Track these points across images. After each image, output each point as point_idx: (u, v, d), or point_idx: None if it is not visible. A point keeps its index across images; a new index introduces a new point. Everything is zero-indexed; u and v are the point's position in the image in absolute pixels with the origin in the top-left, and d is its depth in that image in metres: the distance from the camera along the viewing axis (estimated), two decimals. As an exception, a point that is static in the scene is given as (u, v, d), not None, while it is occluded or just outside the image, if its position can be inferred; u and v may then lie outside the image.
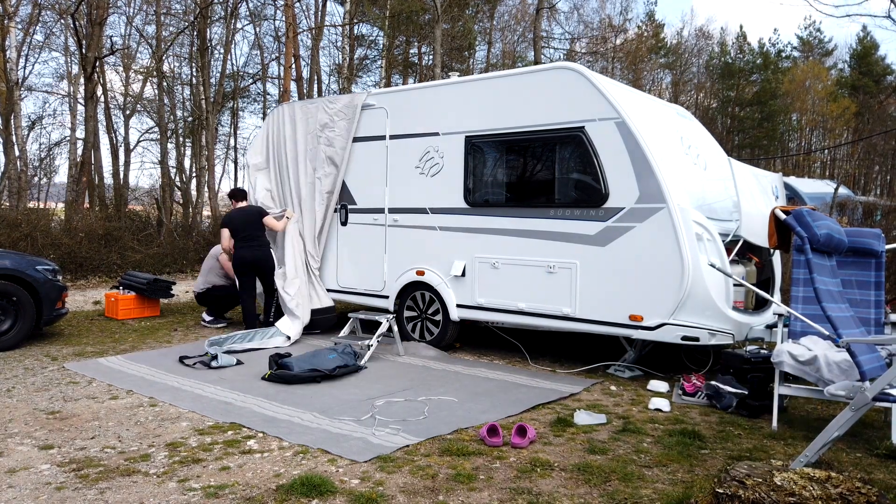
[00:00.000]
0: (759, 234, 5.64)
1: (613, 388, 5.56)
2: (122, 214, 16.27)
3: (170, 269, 14.03)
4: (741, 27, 56.91)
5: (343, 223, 7.84)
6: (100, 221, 13.95)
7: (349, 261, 7.85)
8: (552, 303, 6.15)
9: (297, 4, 20.76)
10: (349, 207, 7.79)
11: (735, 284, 5.69)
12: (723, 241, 5.75)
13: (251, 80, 26.00)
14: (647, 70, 32.52)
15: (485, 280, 6.61)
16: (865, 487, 2.66)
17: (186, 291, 11.57)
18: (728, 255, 5.79)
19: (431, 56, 22.81)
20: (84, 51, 16.16)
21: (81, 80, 17.09)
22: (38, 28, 19.77)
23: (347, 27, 22.56)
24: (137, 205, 20.87)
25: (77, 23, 16.01)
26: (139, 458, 3.75)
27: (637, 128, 5.66)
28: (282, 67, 21.58)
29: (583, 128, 5.93)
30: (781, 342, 4.78)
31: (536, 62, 19.82)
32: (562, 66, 6.19)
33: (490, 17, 27.73)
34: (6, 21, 16.05)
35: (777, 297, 6.76)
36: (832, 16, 42.67)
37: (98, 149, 19.46)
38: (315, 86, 21.45)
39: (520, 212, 6.41)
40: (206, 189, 19.80)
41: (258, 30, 22.42)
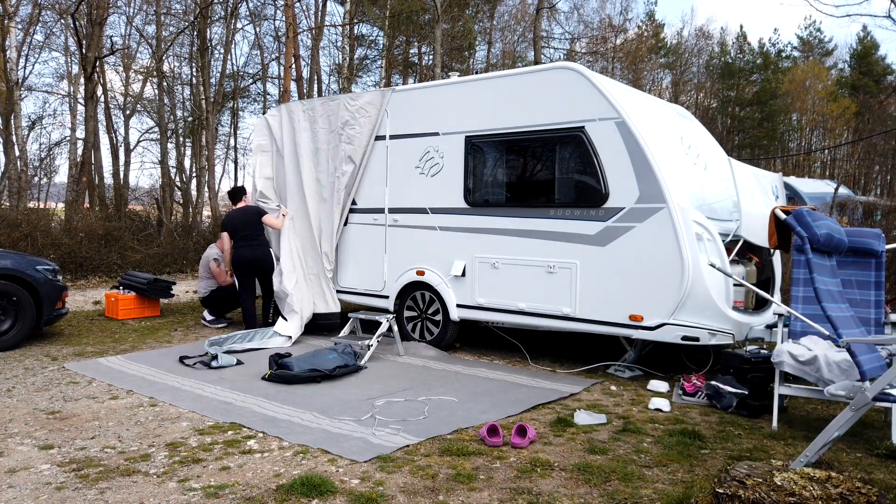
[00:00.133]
0: (759, 234, 5.64)
1: (613, 388, 5.56)
2: (122, 214, 16.28)
3: (170, 269, 14.03)
4: (741, 27, 56.94)
5: (344, 223, 7.84)
6: (100, 221, 13.95)
7: (349, 261, 7.84)
8: (552, 303, 6.15)
9: (297, 4, 20.76)
10: (349, 207, 7.80)
11: (735, 284, 5.69)
12: (723, 241, 5.75)
13: (251, 80, 26.02)
14: (647, 70, 32.53)
15: (485, 280, 6.61)
16: (865, 487, 2.66)
17: (186, 291, 11.58)
18: (728, 255, 5.79)
19: (431, 56, 22.81)
20: (84, 51, 16.16)
21: (81, 80, 17.10)
22: (38, 28, 19.80)
23: (347, 27, 22.56)
24: (137, 205, 20.87)
25: (77, 23, 16.02)
26: (139, 458, 3.75)
27: (637, 128, 5.66)
28: (282, 67, 21.60)
29: (583, 128, 5.94)
30: (781, 342, 4.78)
31: (536, 62, 19.82)
32: (562, 66, 6.19)
33: (490, 17, 27.74)
34: (6, 21, 16.05)
35: (777, 297, 6.76)
36: (832, 16, 42.73)
37: (98, 149, 19.47)
38: (315, 86, 21.46)
39: (520, 212, 6.41)
40: (206, 189, 19.80)
41: (258, 30, 22.43)
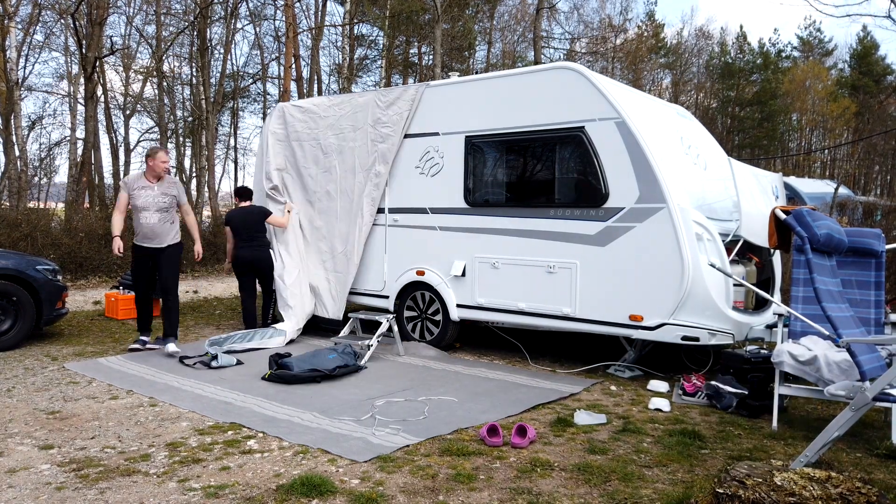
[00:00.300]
0: (759, 234, 5.64)
1: (613, 388, 5.56)
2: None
3: (170, 269, 14.01)
4: (741, 27, 57.08)
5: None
6: (100, 221, 13.94)
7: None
8: (552, 303, 6.15)
9: (297, 4, 20.78)
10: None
11: (735, 284, 5.69)
12: (723, 241, 5.75)
13: (251, 80, 26.06)
14: (647, 70, 32.56)
15: (485, 280, 6.61)
16: (865, 487, 2.66)
17: (186, 291, 11.57)
18: (728, 255, 5.79)
19: (431, 56, 22.82)
20: (84, 51, 16.18)
21: (81, 80, 17.11)
22: (38, 28, 19.85)
23: (347, 27, 22.57)
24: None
25: (77, 23, 16.03)
26: (139, 458, 3.75)
27: (637, 128, 5.66)
28: (282, 67, 21.61)
29: (583, 128, 5.94)
30: (781, 342, 4.78)
31: (536, 62, 19.82)
32: (562, 66, 6.19)
33: (490, 17, 27.76)
34: (6, 21, 16.05)
35: (777, 297, 6.76)
36: (832, 16, 42.72)
37: (98, 149, 19.48)
38: (315, 86, 21.47)
39: (520, 212, 6.41)
40: (206, 189, 19.81)
41: (258, 30, 22.46)
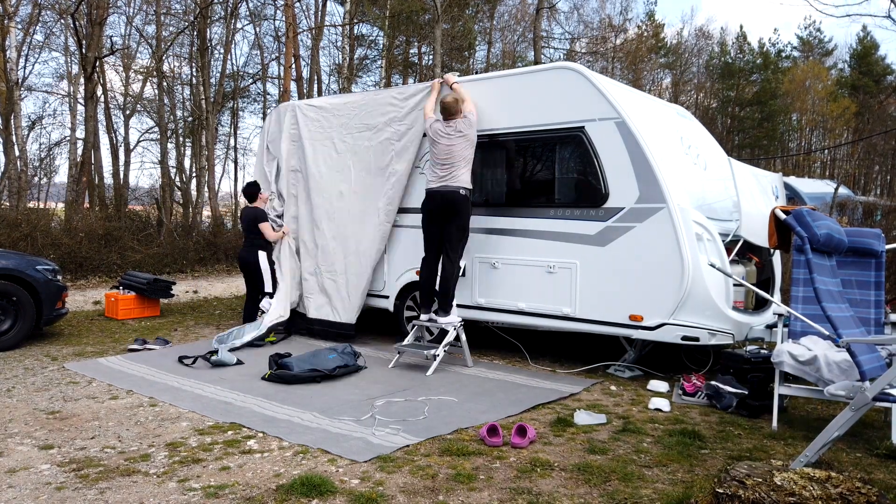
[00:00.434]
0: (759, 234, 5.64)
1: (613, 388, 5.56)
2: (122, 214, 16.28)
3: (170, 269, 14.04)
4: (741, 27, 57.08)
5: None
6: (100, 221, 13.96)
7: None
8: (552, 303, 6.14)
9: (297, 4, 20.77)
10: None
11: (735, 284, 5.68)
12: (723, 241, 5.75)
13: (251, 80, 26.03)
14: (647, 70, 32.54)
15: (485, 280, 6.60)
16: (865, 487, 2.66)
17: (186, 291, 11.58)
18: (728, 255, 5.79)
19: (431, 56, 22.82)
20: (84, 51, 16.17)
21: (81, 80, 17.10)
22: (38, 28, 19.81)
23: (347, 27, 22.57)
24: (137, 205, 20.88)
25: (77, 23, 16.02)
26: (139, 458, 3.75)
27: (637, 128, 5.66)
28: (282, 67, 21.60)
29: (583, 128, 5.93)
30: (781, 342, 4.78)
31: (536, 62, 19.81)
32: (562, 66, 6.19)
33: (490, 17, 27.74)
34: (6, 21, 16.04)
35: (777, 297, 6.76)
36: (832, 16, 42.64)
37: (98, 149, 19.47)
38: (315, 86, 21.46)
39: (520, 212, 6.40)
40: (206, 189, 19.81)
41: (258, 30, 22.44)
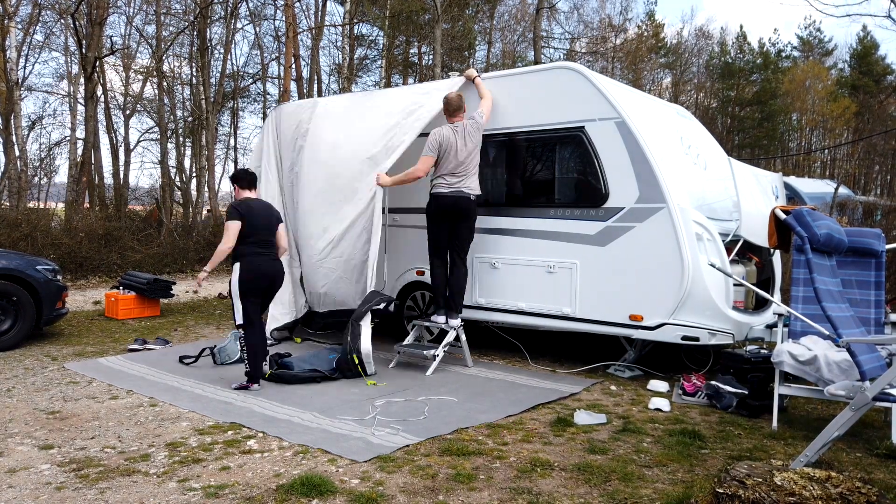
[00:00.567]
0: (759, 234, 5.63)
1: (613, 388, 5.56)
2: (122, 214, 16.28)
3: (170, 269, 14.03)
4: (741, 27, 57.08)
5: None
6: (100, 221, 13.96)
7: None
8: (552, 303, 6.14)
9: (297, 4, 20.77)
10: None
11: (735, 284, 5.68)
12: (723, 241, 5.75)
13: (251, 80, 26.03)
14: (647, 70, 32.55)
15: (485, 280, 6.60)
16: (865, 487, 2.66)
17: (186, 291, 11.58)
18: (728, 255, 5.79)
19: (431, 56, 22.83)
20: (84, 51, 16.17)
21: (81, 80, 17.10)
22: (38, 28, 19.81)
23: (347, 27, 22.57)
24: (137, 205, 20.88)
25: (77, 23, 16.02)
26: (139, 458, 3.75)
27: (637, 128, 5.65)
28: (282, 67, 21.60)
29: (583, 128, 5.93)
30: (781, 342, 4.77)
31: (536, 62, 19.81)
32: (562, 66, 6.19)
33: (490, 17, 27.75)
34: (6, 21, 16.04)
35: (777, 297, 6.75)
36: (832, 15, 42.59)
37: (98, 149, 19.47)
38: (315, 86, 21.46)
39: (520, 211, 6.40)
40: (206, 189, 19.82)
41: (258, 30, 22.44)
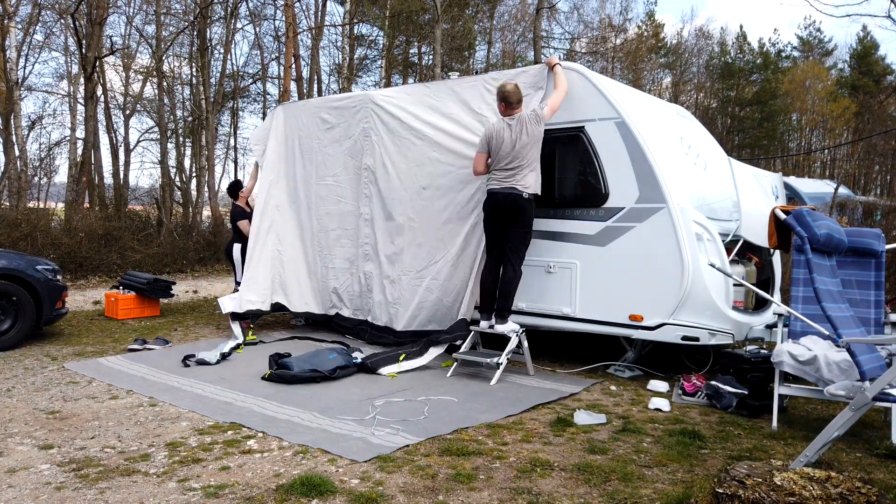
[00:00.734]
0: (759, 234, 5.63)
1: (613, 388, 5.56)
2: (122, 214, 16.27)
3: (170, 269, 14.04)
4: (741, 27, 57.14)
5: None
6: (100, 221, 13.95)
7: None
8: (552, 303, 6.14)
9: (297, 4, 20.77)
10: None
11: (735, 284, 5.68)
12: (723, 241, 5.75)
13: (251, 80, 26.03)
14: (647, 70, 32.57)
15: (485, 280, 6.59)
16: (865, 487, 2.66)
17: (186, 291, 11.58)
18: (728, 255, 5.79)
19: (431, 56, 22.82)
20: (84, 51, 16.17)
21: (81, 80, 17.10)
22: (38, 28, 19.81)
23: (347, 27, 22.57)
24: (137, 205, 20.87)
25: (77, 23, 16.02)
26: (139, 458, 3.75)
27: (637, 128, 5.65)
28: (282, 67, 21.60)
29: (583, 128, 5.93)
30: (781, 342, 4.77)
31: (536, 62, 19.81)
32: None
33: (490, 17, 27.77)
34: (6, 21, 16.04)
35: (777, 297, 6.75)
36: (832, 16, 42.84)
37: (98, 149, 19.45)
38: (315, 86, 21.47)
39: (520, 212, 6.38)
40: (206, 189, 19.82)
41: (258, 30, 22.44)
